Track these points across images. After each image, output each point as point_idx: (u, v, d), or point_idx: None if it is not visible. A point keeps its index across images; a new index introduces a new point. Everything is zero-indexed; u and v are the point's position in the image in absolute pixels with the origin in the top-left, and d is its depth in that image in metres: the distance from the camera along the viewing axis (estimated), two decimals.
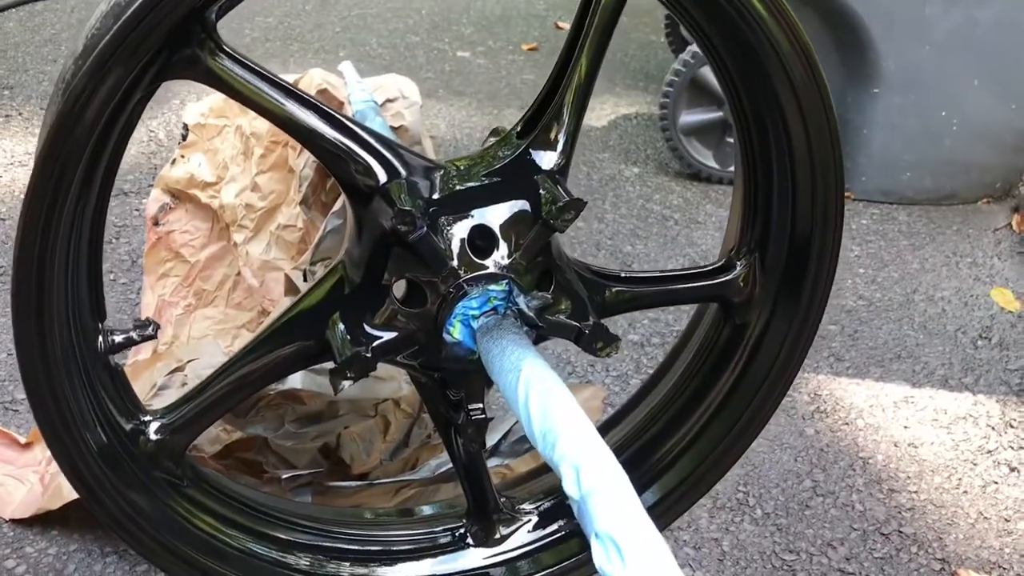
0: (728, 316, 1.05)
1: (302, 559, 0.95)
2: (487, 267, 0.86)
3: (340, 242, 1.28)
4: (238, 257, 1.42)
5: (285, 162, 1.38)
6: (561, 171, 0.89)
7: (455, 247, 0.85)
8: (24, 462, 1.48)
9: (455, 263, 0.85)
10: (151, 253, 1.53)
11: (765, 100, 0.92)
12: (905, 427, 1.74)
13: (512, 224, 0.86)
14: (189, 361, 1.34)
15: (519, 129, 0.92)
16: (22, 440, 1.51)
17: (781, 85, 0.89)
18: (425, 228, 0.82)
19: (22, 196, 2.21)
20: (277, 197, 1.39)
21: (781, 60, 0.87)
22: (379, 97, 1.33)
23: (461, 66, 3.25)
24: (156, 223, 1.51)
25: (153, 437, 0.90)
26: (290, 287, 1.29)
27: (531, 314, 0.83)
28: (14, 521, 1.38)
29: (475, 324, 0.83)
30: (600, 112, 2.96)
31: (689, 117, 2.47)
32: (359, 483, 1.33)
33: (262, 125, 1.39)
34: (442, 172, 0.87)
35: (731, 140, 2.48)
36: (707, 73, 2.42)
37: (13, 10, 3.31)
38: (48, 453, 1.47)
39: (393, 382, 1.38)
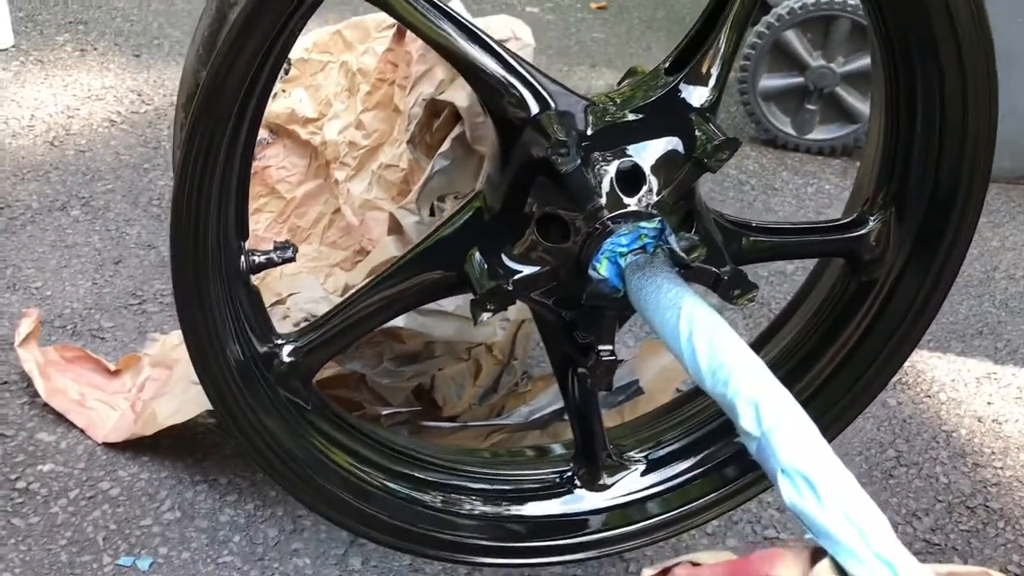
0: (855, 271, 1.03)
1: (437, 497, 0.96)
2: (631, 205, 0.84)
3: (447, 183, 1.27)
4: (338, 195, 1.41)
5: (391, 100, 1.37)
6: (712, 108, 0.87)
7: (604, 183, 0.84)
8: (114, 388, 1.50)
9: (603, 199, 0.83)
10: None
11: (921, 45, 0.89)
12: (988, 403, 1.72)
13: (663, 162, 0.85)
14: (290, 295, 1.34)
15: (667, 65, 0.90)
16: (111, 367, 1.52)
17: (941, 29, 0.86)
18: (579, 160, 0.81)
19: (100, 129, 2.23)
20: (381, 136, 1.38)
21: (947, 5, 0.84)
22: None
23: (530, 21, 3.19)
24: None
25: (286, 359, 0.90)
26: (394, 226, 1.28)
27: (682, 254, 0.82)
28: (107, 445, 1.40)
29: (623, 261, 0.82)
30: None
31: (769, 82, 2.43)
32: (453, 424, 1.33)
33: (370, 62, 1.37)
34: (594, 107, 0.85)
35: (811, 107, 2.44)
36: (790, 37, 2.37)
37: None
38: (139, 380, 1.48)
39: (488, 327, 1.38)
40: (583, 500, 1.05)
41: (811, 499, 0.56)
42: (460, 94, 1.23)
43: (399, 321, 1.24)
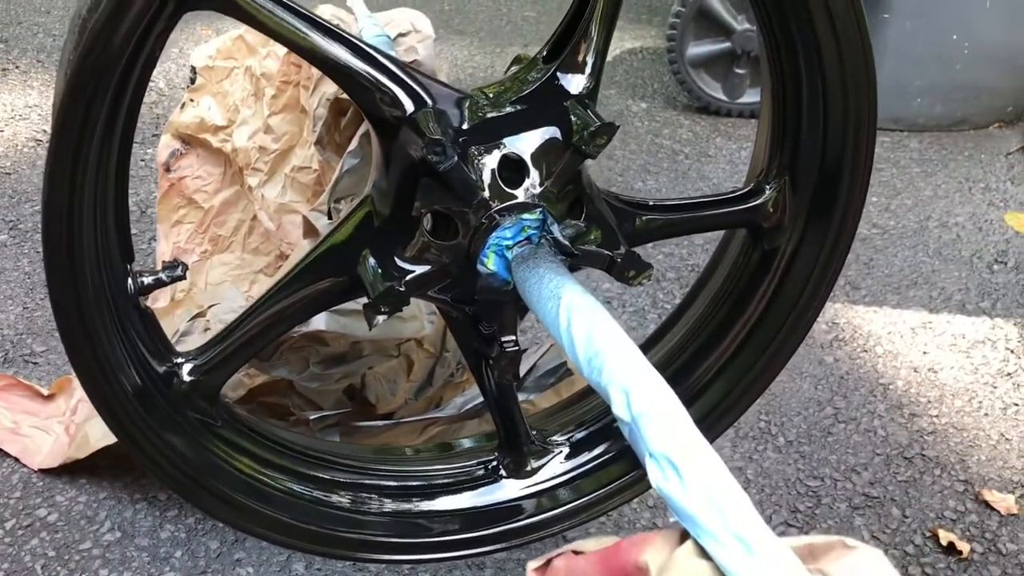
0: (757, 241, 1.04)
1: (344, 497, 0.96)
2: (517, 196, 0.84)
3: (357, 182, 1.26)
4: (253, 201, 1.40)
5: (297, 102, 1.36)
6: (590, 95, 0.87)
7: (486, 177, 0.83)
8: (48, 413, 1.49)
9: (486, 193, 0.83)
10: (164, 200, 1.51)
11: (796, 17, 0.90)
12: (924, 353, 1.74)
13: (543, 152, 0.85)
14: (210, 306, 1.33)
15: (545, 53, 0.90)
16: (44, 392, 1.51)
17: (816, 9, 0.87)
18: (456, 158, 0.80)
19: (25, 149, 2.19)
20: (291, 138, 1.37)
21: None
22: (391, 31, 1.30)
23: (460, 4, 3.19)
24: (168, 169, 1.49)
25: (187, 379, 0.89)
26: (309, 229, 1.28)
27: (566, 243, 0.82)
28: (43, 471, 1.39)
29: (509, 254, 0.82)
30: None
31: (697, 49, 2.43)
32: (386, 422, 1.34)
33: (272, 65, 1.36)
34: (469, 101, 0.85)
35: (740, 71, 2.45)
36: (714, 3, 2.38)
37: None
38: (72, 403, 1.47)
39: (416, 321, 1.37)
40: (508, 488, 1.06)
41: (676, 482, 0.57)
42: None
43: (320, 324, 1.24)
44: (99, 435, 1.34)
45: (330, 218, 1.16)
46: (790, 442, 1.53)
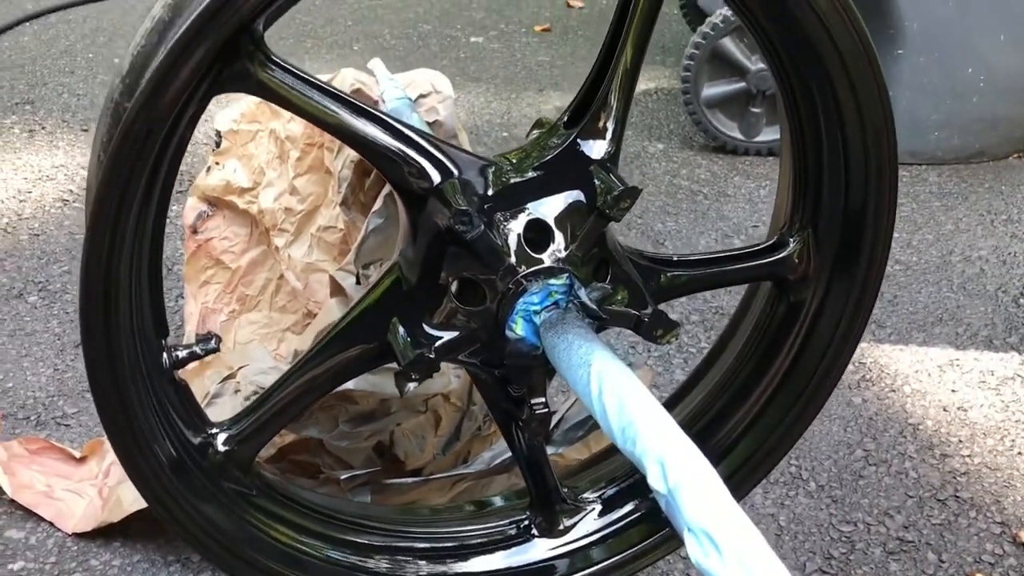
0: (783, 294, 1.04)
1: (381, 562, 0.96)
2: (544, 261, 0.85)
3: (383, 241, 1.28)
4: (280, 261, 1.42)
5: (321, 164, 1.38)
6: (612, 159, 0.88)
7: (512, 242, 0.85)
8: (80, 476, 1.50)
9: (512, 259, 0.84)
10: (191, 261, 1.53)
11: (812, 71, 0.91)
12: (953, 391, 1.73)
13: (567, 216, 0.86)
14: (240, 368, 1.34)
15: (566, 119, 0.91)
16: (77, 454, 1.52)
17: (828, 55, 0.88)
18: (482, 226, 0.82)
19: (52, 210, 2.23)
20: (316, 199, 1.39)
21: (827, 29, 0.86)
22: (412, 93, 1.32)
23: (475, 52, 3.23)
24: (195, 231, 1.52)
25: (221, 449, 0.90)
26: (336, 288, 1.29)
27: (593, 306, 0.83)
28: (77, 535, 1.40)
29: (537, 319, 0.83)
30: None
31: (712, 89, 2.45)
32: (416, 479, 1.34)
33: (296, 128, 1.38)
34: (493, 168, 0.86)
35: (755, 110, 2.46)
36: (728, 44, 2.40)
37: (27, 24, 3.32)
38: (104, 466, 1.48)
39: (443, 376, 1.38)
40: (541, 547, 1.06)
41: (715, 559, 0.57)
42: None
43: (349, 383, 1.25)
44: (132, 498, 1.35)
45: (358, 282, 1.17)
46: (821, 486, 1.52)
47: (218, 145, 1.49)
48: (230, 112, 1.49)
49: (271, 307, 1.49)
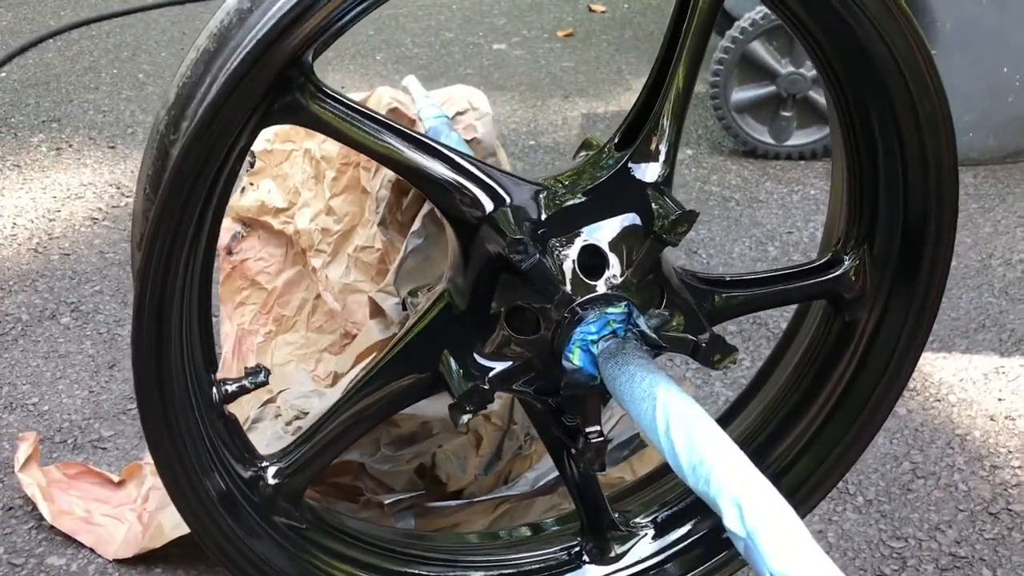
0: (838, 312, 1.01)
1: None
2: (598, 288, 0.83)
3: (423, 261, 1.26)
4: (317, 282, 1.41)
5: (357, 183, 1.36)
6: (666, 182, 0.86)
7: (567, 269, 0.83)
8: (119, 500, 1.49)
9: (568, 287, 0.82)
10: (226, 283, 1.52)
11: (865, 78, 0.88)
12: (999, 399, 1.70)
13: (622, 240, 0.84)
14: (280, 392, 1.33)
15: (616, 140, 0.89)
16: (115, 478, 1.51)
17: (882, 60, 0.85)
18: (537, 255, 0.80)
19: (82, 229, 2.23)
20: (352, 219, 1.38)
21: (886, 42, 0.83)
22: (448, 110, 1.30)
23: (499, 59, 3.22)
24: (229, 252, 1.50)
25: (271, 482, 0.89)
26: (375, 309, 1.27)
27: (652, 335, 0.80)
28: (118, 561, 1.39)
29: (595, 349, 0.81)
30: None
31: (741, 94, 2.42)
32: (459, 502, 1.32)
33: (332, 147, 1.37)
34: (545, 192, 0.84)
35: (786, 114, 2.43)
36: (757, 48, 2.37)
37: (51, 40, 3.33)
38: (143, 490, 1.47)
39: None
40: (595, 573, 1.04)
41: None
42: None
43: None
44: (173, 524, 1.34)
45: (404, 308, 1.16)
46: (869, 501, 1.49)
47: (252, 165, 1.47)
48: (264, 132, 1.47)
49: (308, 327, 1.48)
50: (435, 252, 1.26)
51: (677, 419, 0.69)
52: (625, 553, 1.05)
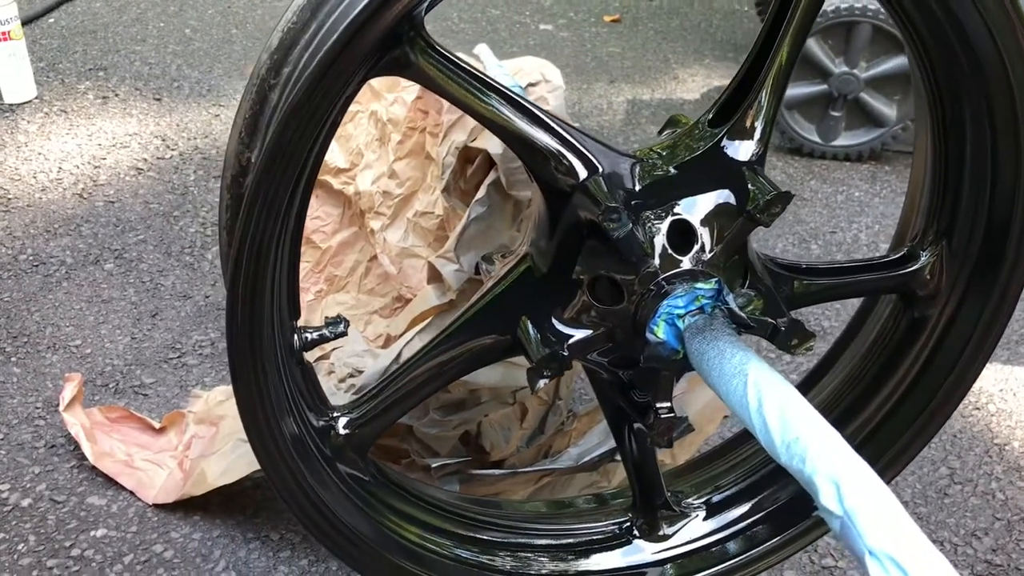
0: (908, 308, 1.01)
1: (507, 560, 0.95)
2: (684, 263, 0.83)
3: (484, 230, 1.26)
4: (374, 244, 1.41)
5: (422, 148, 1.36)
6: (759, 161, 0.86)
7: (657, 242, 0.83)
8: (160, 447, 1.50)
9: (657, 260, 0.82)
10: None
11: (966, 74, 0.87)
12: None
13: (714, 217, 0.84)
14: (333, 349, 1.33)
15: (711, 117, 0.89)
16: (156, 425, 1.53)
17: (988, 57, 0.85)
18: (630, 225, 0.80)
19: (127, 178, 2.23)
20: (414, 184, 1.38)
21: (993, 35, 0.83)
22: (521, 81, 1.30)
23: (545, 40, 3.20)
24: None
25: (342, 432, 0.89)
26: (434, 275, 1.27)
27: (741, 314, 0.80)
28: (157, 506, 1.40)
29: (681, 324, 0.81)
30: (691, 84, 2.90)
31: (792, 90, 2.40)
32: (503, 471, 1.33)
33: (399, 111, 1.37)
34: (640, 164, 0.84)
35: (835, 114, 2.41)
36: (811, 45, 2.35)
37: None
38: (185, 438, 1.48)
39: None
40: (643, 551, 1.04)
41: None
42: (493, 141, 1.22)
43: None
44: (217, 473, 1.35)
45: (478, 273, 1.16)
46: (905, 503, 1.49)
47: None
48: None
49: (359, 289, 1.48)
50: (497, 222, 1.26)
51: (770, 397, 0.69)
52: (675, 532, 1.05)
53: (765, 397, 0.69)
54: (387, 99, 1.39)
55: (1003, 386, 1.75)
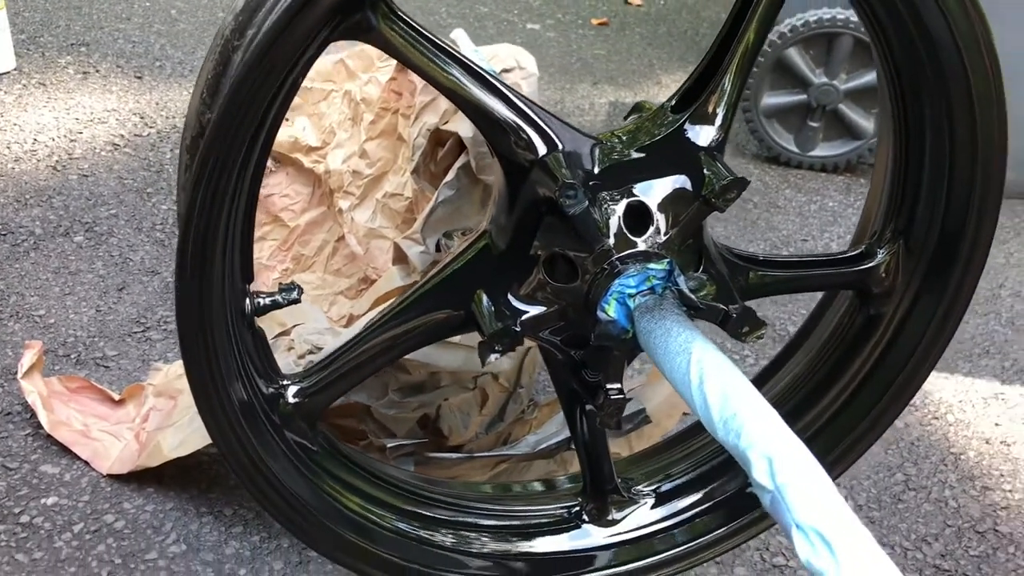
0: (864, 305, 1.02)
1: (447, 536, 0.95)
2: (638, 245, 0.84)
3: (452, 213, 1.27)
4: (342, 224, 1.41)
5: (394, 129, 1.37)
6: (719, 147, 0.87)
7: (612, 223, 0.83)
8: (118, 418, 1.49)
9: (611, 240, 0.83)
10: None
11: (924, 64, 0.88)
12: (996, 424, 1.71)
13: (670, 201, 0.84)
14: (294, 325, 1.33)
15: (674, 103, 0.89)
16: (116, 396, 1.52)
17: (944, 45, 0.85)
18: (586, 202, 0.80)
19: (103, 153, 2.22)
20: (384, 165, 1.38)
21: (946, 17, 0.83)
22: (495, 66, 1.30)
23: (531, 39, 3.21)
24: None
25: (291, 400, 0.89)
26: (399, 256, 1.28)
27: (691, 296, 0.81)
28: (111, 476, 1.39)
29: (632, 303, 0.81)
30: (674, 89, 2.91)
31: (771, 99, 2.42)
32: (459, 455, 1.33)
33: (373, 91, 1.37)
34: (600, 145, 0.85)
35: (813, 124, 2.43)
36: (792, 54, 2.37)
37: None
38: (143, 411, 1.47)
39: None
40: (591, 535, 1.04)
41: (827, 557, 0.55)
42: (464, 124, 1.22)
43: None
44: (172, 446, 1.34)
45: (439, 250, 1.16)
46: (860, 506, 1.50)
47: None
48: None
49: (326, 269, 1.48)
50: (465, 205, 1.27)
51: (712, 374, 0.70)
52: (624, 518, 1.05)
53: (707, 375, 0.70)
54: (361, 79, 1.39)
55: (963, 397, 1.77)
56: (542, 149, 0.83)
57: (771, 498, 0.61)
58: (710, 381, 0.69)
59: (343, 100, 1.43)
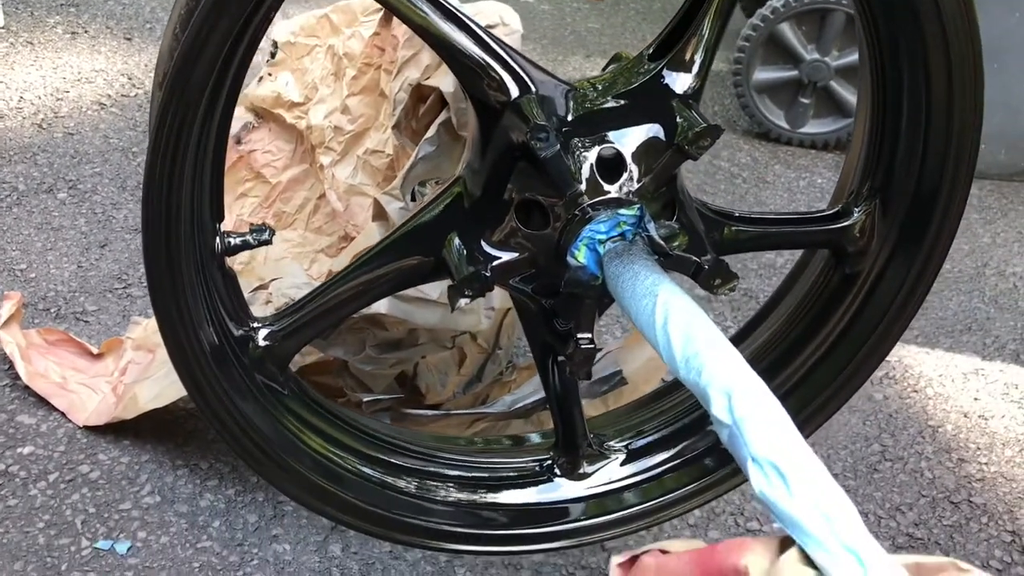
0: (840, 264, 1.02)
1: (411, 483, 0.95)
2: (611, 192, 0.83)
3: (432, 169, 1.26)
4: (323, 180, 1.40)
5: (376, 85, 1.36)
6: (695, 95, 0.86)
7: (584, 170, 0.83)
8: (96, 372, 1.49)
9: (583, 186, 0.82)
10: (230, 172, 1.51)
11: (909, 42, 0.88)
12: (975, 399, 1.71)
13: (643, 149, 0.84)
14: (272, 280, 1.33)
15: (651, 51, 0.89)
16: (94, 350, 1.51)
17: (931, 27, 0.85)
18: (558, 146, 0.80)
19: (89, 112, 2.21)
20: (366, 121, 1.37)
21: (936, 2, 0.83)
22: (479, 22, 1.29)
23: (525, 10, 3.19)
24: (238, 142, 1.50)
25: (262, 343, 0.89)
26: (379, 212, 1.27)
27: (661, 242, 0.81)
28: (88, 428, 1.39)
29: (602, 249, 0.81)
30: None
31: (763, 75, 2.42)
32: (436, 412, 1.33)
33: (356, 47, 1.36)
34: (575, 92, 0.84)
35: (804, 100, 2.43)
36: (785, 30, 2.36)
37: None
38: (121, 364, 1.47)
39: (473, 315, 1.37)
40: (562, 488, 1.05)
41: (780, 488, 0.55)
42: (446, 80, 1.22)
43: (382, 307, 1.24)
44: (148, 397, 1.34)
45: (414, 199, 1.15)
46: (835, 475, 1.50)
47: (273, 56, 1.46)
48: (289, 24, 1.46)
49: (307, 227, 1.48)
50: (445, 162, 1.26)
51: (676, 315, 0.70)
52: (594, 473, 1.06)
53: (671, 315, 0.70)
54: (345, 33, 1.38)
55: (943, 372, 1.78)
56: (515, 91, 0.82)
57: (728, 433, 0.61)
58: (674, 321, 0.69)
59: (326, 55, 1.42)
